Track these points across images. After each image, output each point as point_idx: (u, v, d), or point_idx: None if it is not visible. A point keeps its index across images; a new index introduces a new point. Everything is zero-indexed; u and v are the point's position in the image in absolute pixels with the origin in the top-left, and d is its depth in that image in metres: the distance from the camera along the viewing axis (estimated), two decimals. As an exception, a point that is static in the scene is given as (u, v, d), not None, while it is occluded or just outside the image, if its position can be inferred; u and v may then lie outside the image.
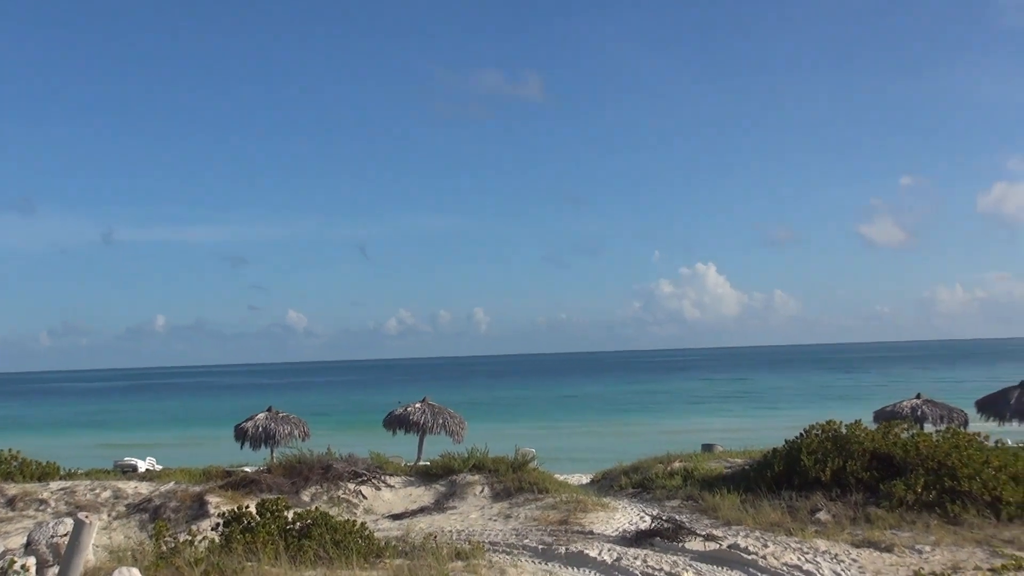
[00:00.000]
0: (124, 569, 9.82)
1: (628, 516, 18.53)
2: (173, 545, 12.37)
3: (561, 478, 23.85)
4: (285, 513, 14.11)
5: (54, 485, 22.16)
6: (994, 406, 29.17)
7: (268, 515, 13.89)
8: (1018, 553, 13.87)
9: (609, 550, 15.26)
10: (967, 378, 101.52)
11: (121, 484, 22.31)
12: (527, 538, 16.84)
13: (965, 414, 28.57)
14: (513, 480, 21.49)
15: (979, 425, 27.42)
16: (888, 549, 14.54)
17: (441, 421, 29.51)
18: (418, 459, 27.77)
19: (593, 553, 15.03)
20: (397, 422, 29.76)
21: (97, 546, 15.04)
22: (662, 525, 16.38)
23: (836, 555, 14.27)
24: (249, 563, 11.74)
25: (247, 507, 14.48)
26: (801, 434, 20.43)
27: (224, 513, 14.58)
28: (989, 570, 13.00)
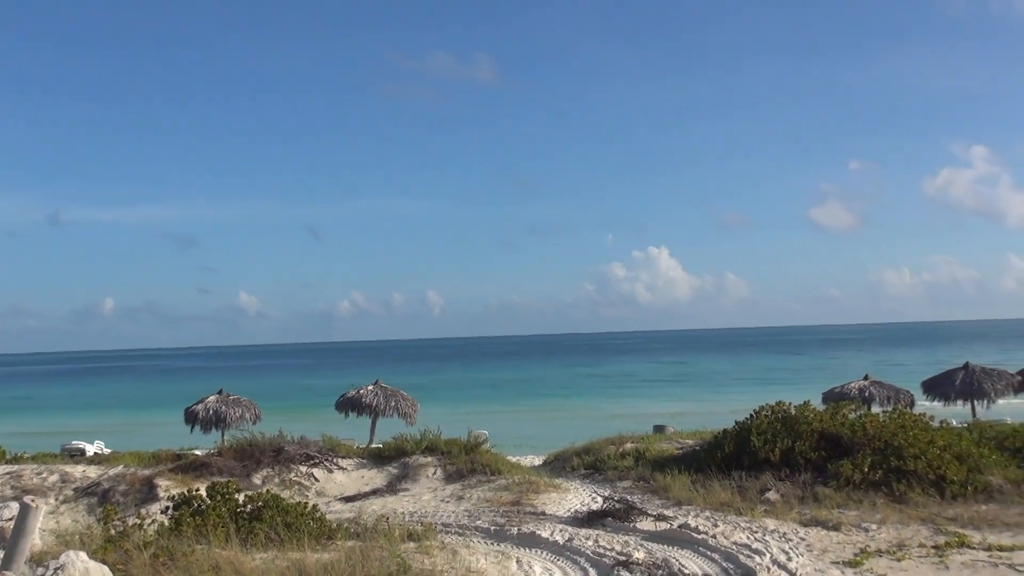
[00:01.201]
0: (71, 553, 9.70)
1: (580, 497, 18.63)
2: (122, 529, 12.25)
3: (514, 460, 23.92)
4: (236, 496, 14.03)
5: (0, 469, 21.84)
6: (939, 387, 29.76)
7: (218, 498, 13.81)
8: (961, 530, 14.14)
9: (561, 531, 15.34)
10: (913, 360, 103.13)
11: (69, 468, 22.04)
12: (480, 519, 16.88)
13: (911, 395, 29.07)
14: (466, 462, 21.52)
15: (925, 406, 27.93)
16: (835, 527, 14.76)
17: (394, 403, 29.52)
18: (371, 441, 27.72)
19: (545, 534, 15.11)
20: (349, 405, 29.73)
21: (44, 530, 14.87)
22: (614, 506, 16.49)
23: (784, 534, 14.45)
24: (199, 546, 11.66)
25: (197, 490, 14.39)
26: (751, 415, 20.64)
27: (174, 496, 14.47)
28: (933, 547, 13.23)
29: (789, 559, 12.80)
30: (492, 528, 15.95)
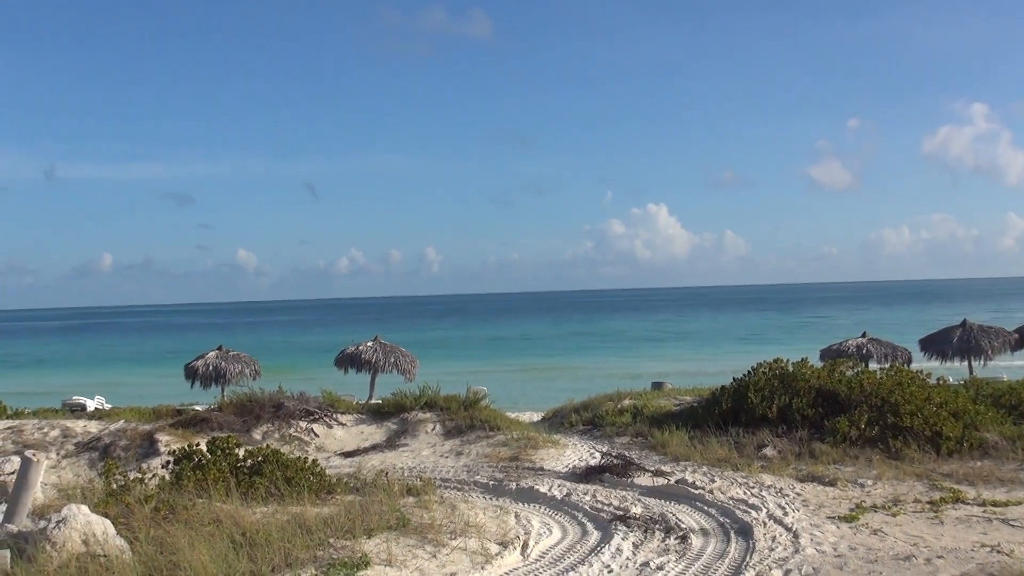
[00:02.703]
0: (73, 506, 9.77)
1: (578, 453, 18.74)
2: (123, 483, 12.32)
3: (512, 416, 24.01)
4: (236, 451, 14.09)
5: (0, 424, 21.93)
6: (936, 345, 29.83)
7: (219, 453, 13.86)
8: (956, 486, 14.24)
9: (559, 486, 15.45)
10: (911, 318, 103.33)
11: (69, 423, 22.12)
12: (478, 474, 16.99)
13: (909, 352, 29.15)
14: (464, 418, 21.60)
15: (922, 363, 28.01)
16: (831, 483, 14.86)
17: (393, 359, 29.59)
18: (370, 397, 27.81)
19: (543, 489, 15.22)
20: (349, 361, 29.78)
21: (46, 484, 14.96)
22: (612, 461, 16.59)
23: (781, 489, 14.55)
24: (200, 500, 11.73)
25: (197, 445, 14.44)
26: (749, 372, 20.71)
27: (174, 451, 14.52)
28: (928, 503, 13.34)
29: (785, 514, 12.90)
30: (491, 483, 16.07)
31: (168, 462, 14.27)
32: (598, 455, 17.66)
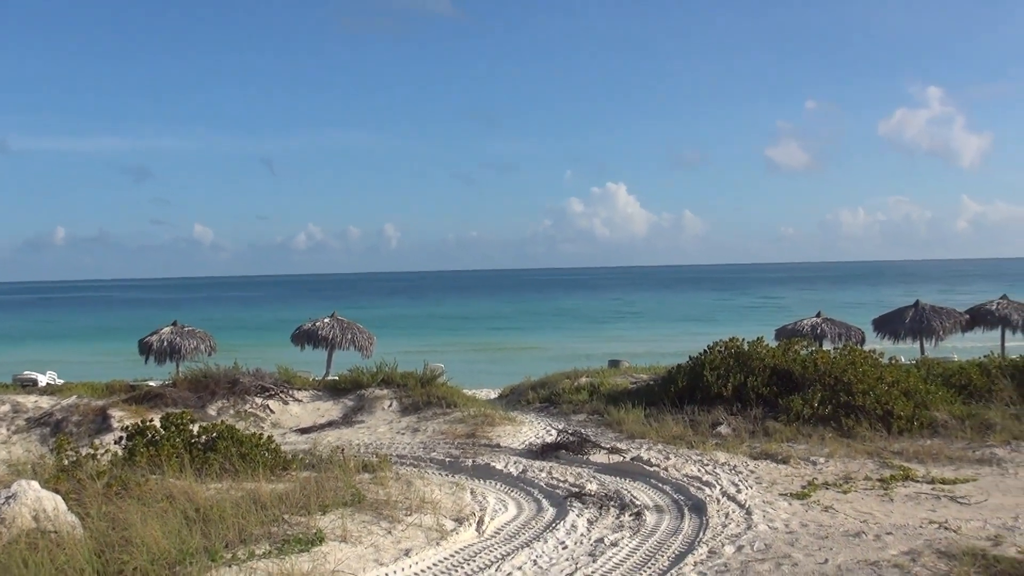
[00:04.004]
0: (23, 482, 9.65)
1: (535, 430, 18.80)
2: (75, 459, 12.18)
3: (469, 393, 24.04)
4: (190, 427, 13.98)
5: (-50, 399, 21.61)
6: (889, 325, 30.22)
7: (173, 428, 13.75)
8: (906, 464, 14.45)
9: (515, 463, 15.50)
10: (865, 298, 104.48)
11: (20, 398, 21.86)
12: (435, 451, 17.01)
13: (862, 332, 29.49)
14: (421, 395, 21.60)
15: (875, 343, 28.37)
16: (784, 461, 15.03)
17: (350, 336, 29.49)
18: (327, 374, 27.73)
19: (499, 466, 15.27)
20: (306, 337, 29.65)
21: (-5, 460, 14.77)
22: (568, 438, 16.67)
23: (735, 467, 14.69)
24: (153, 476, 11.64)
25: (151, 421, 14.32)
26: (704, 351, 20.85)
27: (128, 427, 14.39)
28: (879, 480, 13.52)
29: (738, 491, 13.03)
30: (447, 460, 16.10)
31: (121, 438, 14.14)
32: (554, 432, 17.74)
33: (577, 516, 12.03)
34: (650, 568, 9.95)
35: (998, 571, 8.96)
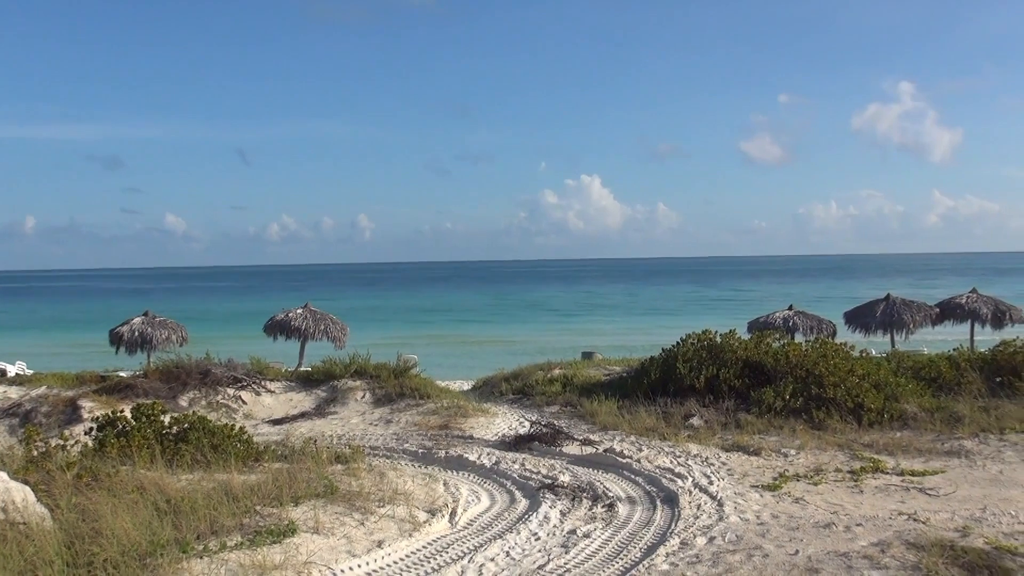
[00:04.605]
0: (-8, 473, 9.56)
1: (508, 421, 18.82)
2: (44, 449, 12.08)
3: (442, 384, 24.03)
4: (161, 418, 13.90)
5: (-83, 389, 21.39)
6: (861, 318, 30.38)
7: (144, 419, 13.67)
8: (876, 456, 14.56)
9: (488, 454, 15.51)
10: (837, 292, 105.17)
11: (-11, 388, 21.65)
12: (407, 442, 16.99)
13: (833, 325, 29.63)
14: (394, 386, 21.57)
15: (847, 336, 28.54)
16: (756, 453, 15.11)
17: (323, 327, 29.32)
18: (299, 365, 27.60)
19: (472, 457, 15.27)
20: (278, 328, 29.45)
21: (-37, 450, 14.61)
22: (541, 430, 16.69)
23: (707, 458, 14.76)
24: (124, 467, 11.57)
25: (122, 412, 14.23)
26: (677, 343, 20.93)
27: (98, 418, 14.29)
28: (849, 472, 13.62)
29: (710, 483, 13.09)
30: (420, 451, 16.08)
31: (91, 428, 14.04)
32: (527, 424, 17.77)
33: (550, 508, 12.05)
34: (622, 559, 9.98)
35: (966, 562, 9.05)
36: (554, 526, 11.28)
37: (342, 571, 9.12)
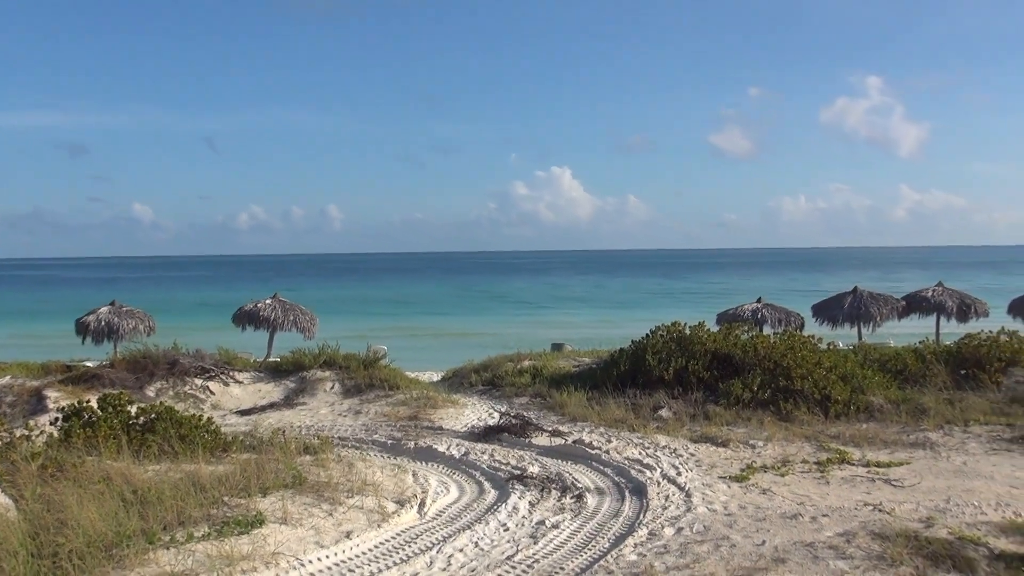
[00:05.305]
0: (-45, 463, 9.47)
1: (477, 412, 18.82)
2: (9, 440, 11.99)
3: (412, 375, 23.99)
4: (128, 408, 13.80)
5: None
6: (828, 311, 30.68)
7: (110, 410, 13.56)
8: (842, 448, 14.68)
9: (457, 445, 15.51)
10: (805, 284, 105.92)
11: (-48, 378, 21.40)
12: (376, 433, 16.95)
13: (802, 317, 29.87)
14: (364, 377, 21.52)
15: (814, 328, 28.78)
16: (724, 444, 15.19)
17: (292, 317, 29.25)
18: (268, 355, 27.48)
19: (441, 448, 15.26)
20: (247, 318, 29.33)
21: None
22: (510, 421, 16.72)
23: (675, 450, 14.83)
24: (90, 458, 11.47)
25: (88, 402, 14.11)
26: (647, 335, 21.00)
27: (64, 408, 14.16)
28: (815, 463, 13.73)
29: (679, 474, 13.16)
30: (389, 442, 16.05)
31: (57, 419, 13.91)
32: (497, 415, 17.79)
33: (519, 498, 12.06)
34: (591, 550, 10.01)
35: (930, 552, 9.15)
36: (523, 517, 11.30)
37: (310, 561, 9.11)
